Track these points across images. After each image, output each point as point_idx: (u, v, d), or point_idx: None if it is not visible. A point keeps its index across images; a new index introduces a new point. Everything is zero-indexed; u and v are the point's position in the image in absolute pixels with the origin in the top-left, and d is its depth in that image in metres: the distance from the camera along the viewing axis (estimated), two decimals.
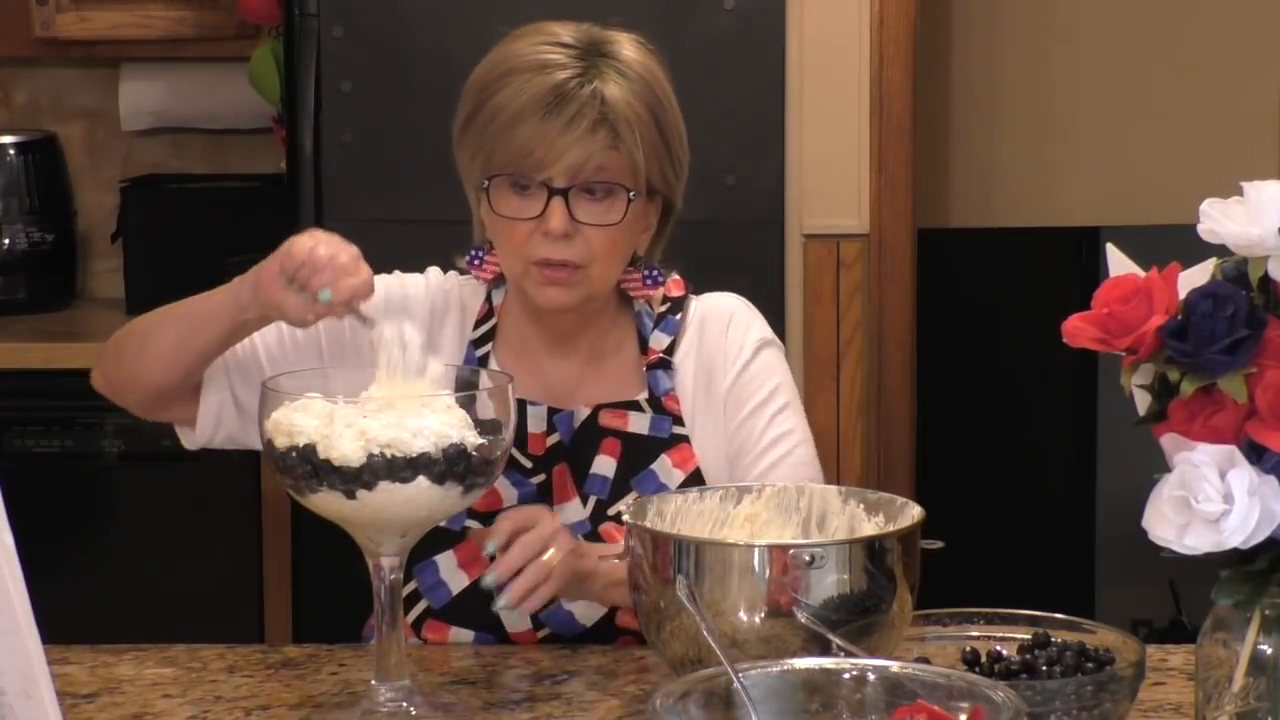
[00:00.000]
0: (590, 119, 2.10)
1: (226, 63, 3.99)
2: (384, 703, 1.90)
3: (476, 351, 2.24)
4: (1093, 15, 3.92)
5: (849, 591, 1.80)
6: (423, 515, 1.86)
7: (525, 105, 2.10)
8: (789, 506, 2.01)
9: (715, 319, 2.28)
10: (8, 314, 3.90)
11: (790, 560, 1.80)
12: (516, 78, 2.13)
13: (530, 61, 2.13)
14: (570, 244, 2.12)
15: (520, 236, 2.13)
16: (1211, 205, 1.56)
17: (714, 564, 1.81)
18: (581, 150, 2.10)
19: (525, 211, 2.12)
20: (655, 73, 2.18)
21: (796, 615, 1.79)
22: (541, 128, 2.10)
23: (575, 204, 2.12)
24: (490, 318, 2.26)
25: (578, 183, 2.11)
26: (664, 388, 2.23)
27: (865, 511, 1.98)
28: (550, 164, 2.10)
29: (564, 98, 2.10)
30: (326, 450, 1.80)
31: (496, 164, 2.13)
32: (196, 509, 3.60)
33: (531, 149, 2.10)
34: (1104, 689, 1.68)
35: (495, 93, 2.13)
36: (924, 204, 3.63)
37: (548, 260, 2.12)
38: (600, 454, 2.20)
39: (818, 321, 3.41)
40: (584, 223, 2.12)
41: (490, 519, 2.14)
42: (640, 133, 2.12)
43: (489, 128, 2.13)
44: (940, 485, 3.39)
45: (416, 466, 1.80)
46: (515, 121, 2.11)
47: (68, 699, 1.93)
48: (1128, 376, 1.59)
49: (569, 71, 2.12)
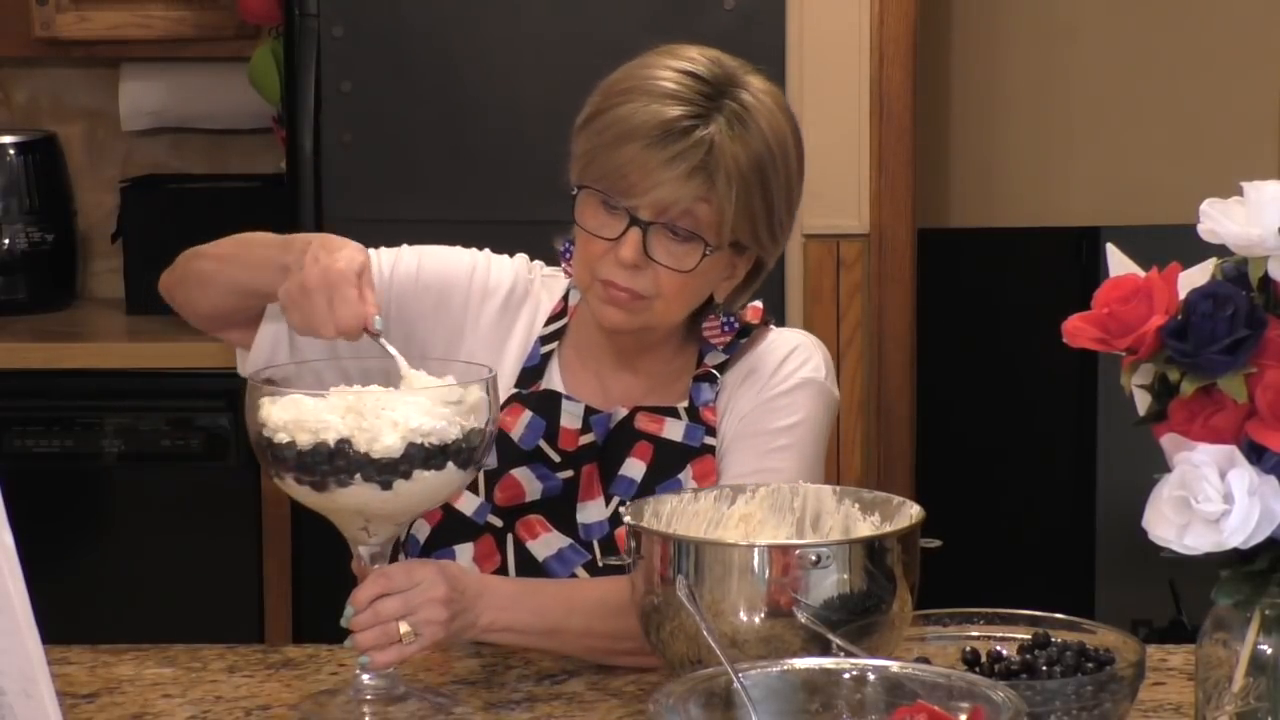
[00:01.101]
0: (691, 163, 2.07)
1: (226, 63, 3.99)
2: (368, 690, 1.91)
3: (542, 348, 2.24)
4: (1093, 15, 3.92)
5: (849, 591, 1.80)
6: (439, 501, 1.97)
7: (634, 129, 2.08)
8: (783, 506, 2.01)
9: (778, 348, 2.24)
10: (8, 314, 3.90)
11: (794, 560, 1.80)
12: (638, 98, 2.10)
13: (656, 86, 2.10)
14: (638, 275, 2.10)
15: (595, 251, 2.12)
16: (1211, 205, 1.56)
17: (714, 564, 1.81)
18: (673, 190, 2.08)
19: (605, 231, 2.11)
20: (779, 129, 2.13)
21: (796, 615, 1.79)
22: (642, 156, 2.07)
23: (653, 239, 2.09)
24: (563, 316, 2.26)
25: (661, 220, 2.09)
26: (704, 398, 2.22)
27: (861, 511, 1.98)
28: (639, 194, 2.08)
29: (672, 134, 2.07)
30: (367, 444, 1.83)
31: (592, 175, 2.12)
32: (196, 509, 3.60)
33: (626, 173, 2.08)
34: (1104, 689, 1.68)
35: (615, 106, 2.11)
36: (924, 204, 3.63)
37: (613, 282, 2.12)
38: (631, 456, 2.19)
39: (818, 321, 3.41)
40: (657, 261, 2.10)
41: (512, 514, 2.16)
42: (738, 189, 2.09)
43: (598, 137, 2.11)
44: (940, 485, 3.39)
45: (447, 453, 1.86)
46: (620, 141, 2.09)
47: (68, 699, 1.93)
48: (1128, 376, 1.59)
49: (688, 109, 2.08)
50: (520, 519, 2.16)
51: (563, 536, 2.16)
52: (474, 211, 3.36)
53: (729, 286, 2.19)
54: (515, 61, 3.36)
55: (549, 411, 2.19)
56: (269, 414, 1.86)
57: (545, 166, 3.35)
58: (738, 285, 2.20)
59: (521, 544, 2.16)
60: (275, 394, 1.88)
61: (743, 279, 2.19)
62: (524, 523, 2.16)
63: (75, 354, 3.68)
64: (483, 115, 3.35)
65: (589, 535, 2.16)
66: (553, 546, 2.16)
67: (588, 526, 2.16)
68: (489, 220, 3.33)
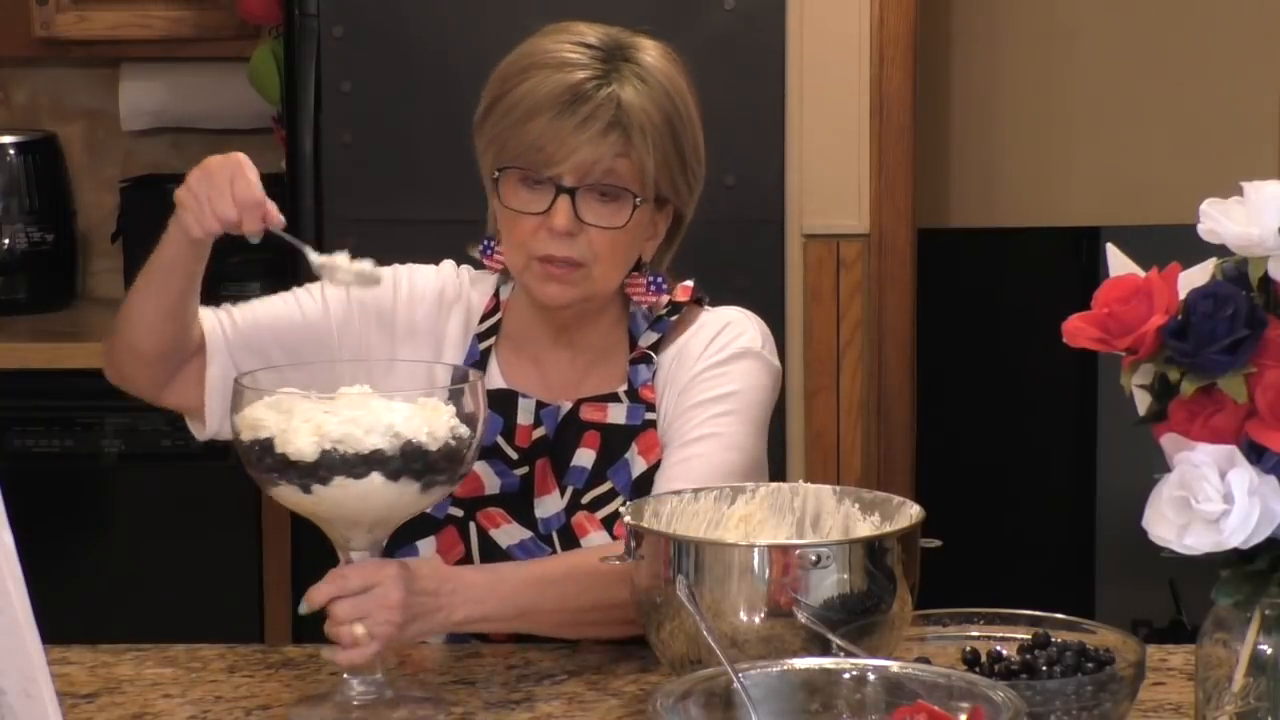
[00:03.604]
0: (604, 121, 2.12)
1: (226, 63, 3.99)
2: (356, 695, 1.91)
3: (480, 345, 2.26)
4: (1093, 15, 3.92)
5: (849, 591, 1.80)
6: (381, 511, 1.87)
7: (541, 101, 2.12)
8: (783, 506, 2.01)
9: (712, 324, 2.27)
10: (8, 314, 3.90)
11: (795, 560, 1.80)
12: (537, 73, 2.15)
13: (552, 58, 2.15)
14: (573, 242, 2.14)
15: (525, 231, 2.15)
16: (1211, 205, 1.56)
17: (714, 564, 1.81)
18: (592, 151, 2.12)
19: (532, 206, 2.14)
20: (676, 81, 2.19)
21: (796, 615, 1.79)
22: (554, 125, 2.11)
23: (582, 204, 2.13)
24: (496, 312, 2.28)
25: (586, 183, 2.13)
26: (642, 379, 2.24)
27: (861, 511, 1.98)
28: (559, 161, 2.12)
29: (580, 97, 2.12)
30: (283, 445, 1.82)
31: (508, 156, 2.16)
32: (196, 509, 3.60)
33: (542, 145, 2.12)
34: (1104, 689, 1.68)
35: (515, 86, 2.16)
36: (924, 204, 3.63)
37: (550, 256, 2.14)
38: (581, 446, 2.21)
39: (818, 321, 3.41)
40: (589, 223, 2.14)
41: (472, 505, 2.17)
42: (653, 140, 2.14)
43: (505, 119, 2.16)
44: (940, 485, 3.39)
45: (370, 463, 1.81)
46: (529, 116, 2.13)
47: (68, 699, 1.93)
48: (1128, 376, 1.59)
49: (588, 72, 2.14)
50: (480, 510, 2.19)
51: (523, 529, 2.19)
52: (474, 211, 3.34)
53: (654, 245, 2.24)
54: None
55: (505, 409, 2.20)
56: (242, 411, 1.88)
57: None
58: (661, 242, 2.25)
59: (485, 532, 2.18)
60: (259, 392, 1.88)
61: (665, 235, 2.24)
62: (484, 514, 2.19)
63: (75, 354, 3.68)
64: None
65: (548, 529, 2.19)
66: (515, 537, 2.18)
67: (545, 520, 2.18)
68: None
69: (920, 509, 1.92)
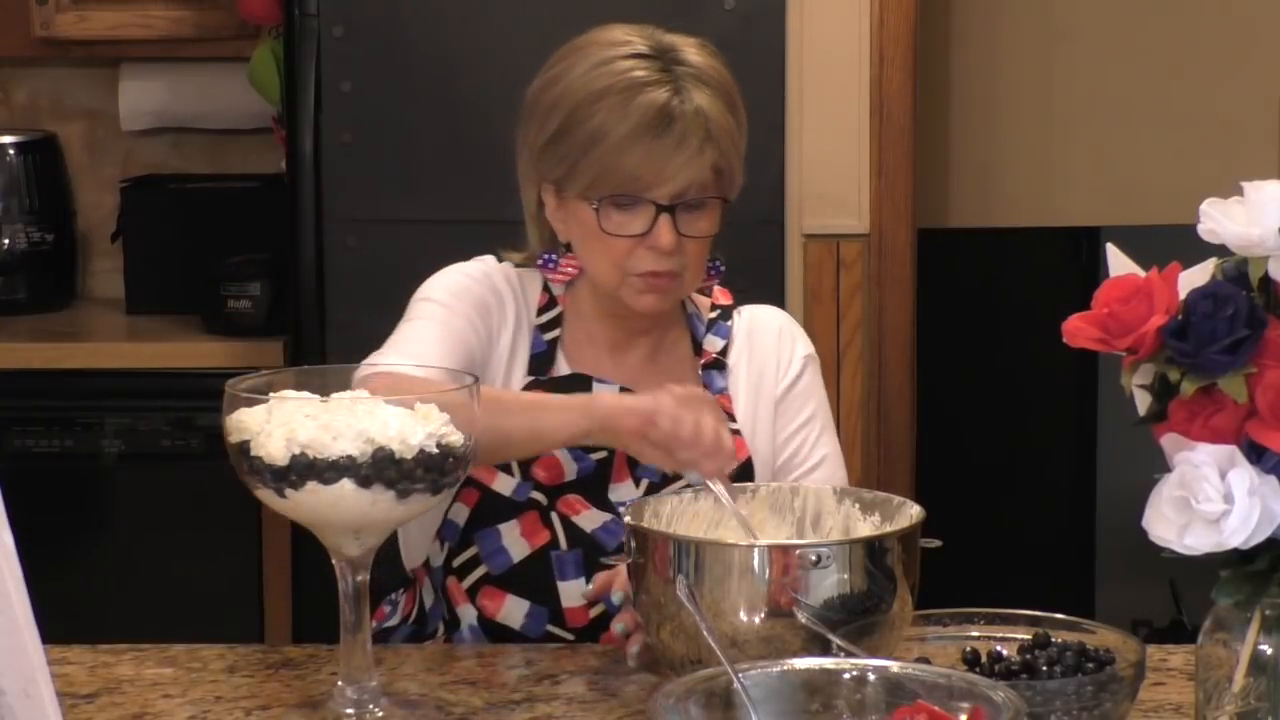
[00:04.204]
0: (698, 139, 2.15)
1: (226, 63, 3.99)
2: (349, 703, 1.89)
3: (545, 335, 2.28)
4: (1092, 15, 3.92)
5: (850, 591, 1.80)
6: (356, 518, 1.83)
7: (634, 129, 2.14)
8: (783, 506, 2.01)
9: (765, 329, 2.35)
10: (8, 314, 3.90)
11: (795, 560, 1.80)
12: (611, 98, 2.16)
13: (622, 80, 2.16)
14: (673, 256, 2.18)
15: (622, 250, 2.18)
16: (1211, 205, 1.56)
17: (714, 564, 1.81)
18: (692, 172, 2.16)
19: (631, 228, 2.17)
20: (726, 75, 2.23)
21: (797, 615, 1.79)
22: (652, 151, 2.14)
23: (681, 218, 2.17)
24: (552, 306, 2.30)
25: (683, 200, 2.17)
26: (718, 386, 2.30)
27: (861, 511, 1.99)
28: (661, 185, 2.16)
29: (668, 117, 2.14)
30: (257, 448, 1.81)
31: (605, 186, 2.17)
32: (196, 509, 3.60)
33: (641, 173, 2.15)
34: (1104, 689, 1.68)
35: (591, 114, 2.16)
36: (924, 204, 3.63)
37: (654, 272, 2.18)
38: None
39: (818, 321, 3.41)
40: (688, 236, 2.18)
41: (553, 492, 2.20)
42: (733, 143, 2.19)
43: (592, 149, 2.16)
44: (940, 485, 3.39)
45: (339, 469, 1.78)
46: (625, 146, 2.14)
47: (68, 699, 1.93)
48: (1128, 376, 1.59)
49: (663, 88, 2.16)
50: (560, 497, 2.21)
51: (602, 513, 2.21)
52: (474, 211, 3.36)
53: (717, 233, 2.28)
54: (515, 61, 3.35)
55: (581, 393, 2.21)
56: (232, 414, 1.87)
57: None
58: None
59: (567, 518, 2.20)
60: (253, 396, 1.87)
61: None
62: (564, 501, 2.21)
63: (75, 354, 3.68)
64: (483, 115, 3.35)
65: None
66: (597, 520, 2.21)
67: (623, 504, 2.19)
68: (489, 220, 3.31)
69: (920, 509, 1.92)
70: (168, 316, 3.87)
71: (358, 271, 3.38)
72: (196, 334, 3.74)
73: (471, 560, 2.22)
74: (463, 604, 2.22)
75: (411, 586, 2.32)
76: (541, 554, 2.20)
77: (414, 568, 2.30)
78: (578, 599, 2.19)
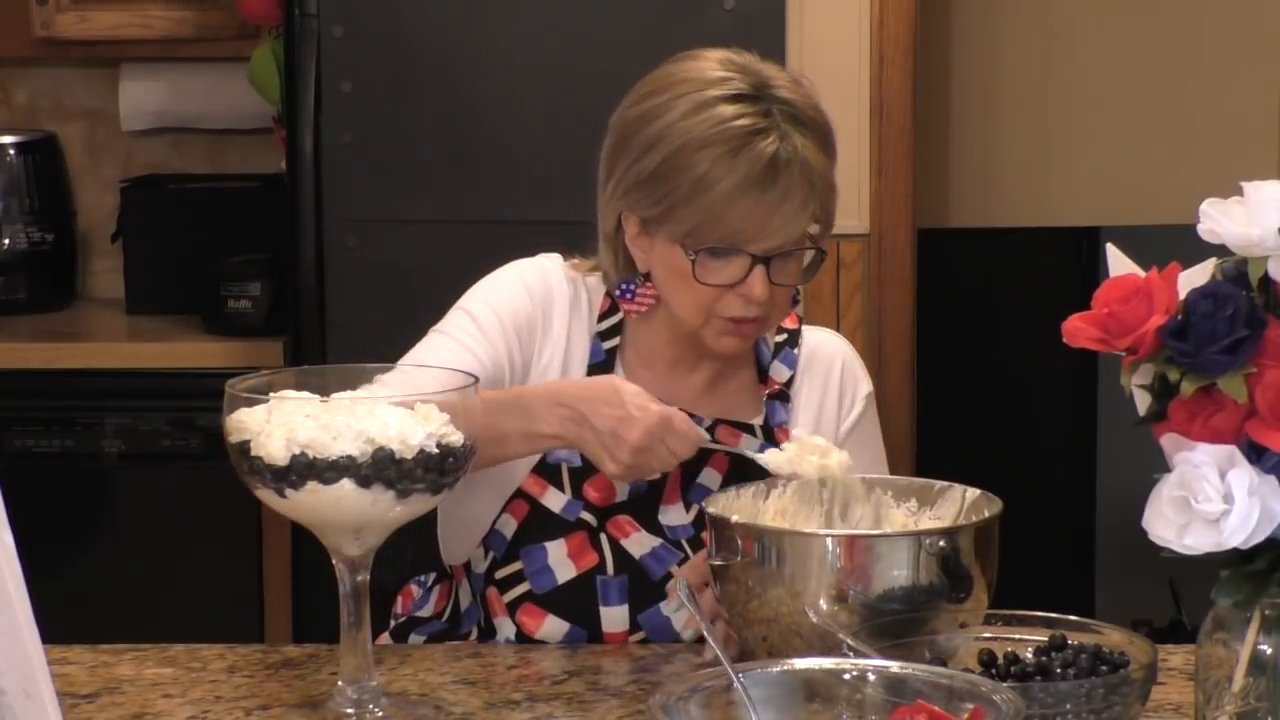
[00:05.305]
0: (802, 193, 2.12)
1: (226, 63, 3.99)
2: (349, 703, 1.89)
3: (604, 344, 2.26)
4: (1092, 15, 3.92)
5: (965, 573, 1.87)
6: (356, 518, 1.83)
7: (741, 183, 2.10)
8: (812, 498, 2.04)
9: (828, 358, 2.33)
10: (8, 314, 3.90)
11: (925, 548, 1.84)
12: (717, 148, 2.11)
13: (728, 130, 2.11)
14: (764, 304, 2.16)
15: (711, 297, 2.15)
16: (1211, 205, 1.56)
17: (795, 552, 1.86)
18: (795, 227, 2.13)
19: (725, 277, 2.14)
20: (823, 113, 2.21)
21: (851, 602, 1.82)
22: (757, 207, 2.11)
23: (774, 268, 2.15)
24: (613, 313, 2.27)
25: (781, 250, 2.14)
26: (779, 419, 2.27)
27: (894, 498, 2.04)
28: (764, 239, 2.13)
29: (775, 170, 2.11)
30: (258, 448, 1.81)
31: (708, 238, 2.13)
32: (196, 509, 3.60)
33: (744, 228, 2.12)
34: (1115, 691, 1.68)
35: (695, 163, 2.12)
36: (924, 204, 3.63)
37: (742, 319, 2.16)
38: (709, 466, 2.22)
39: (818, 322, 3.39)
40: (778, 284, 2.15)
41: (604, 513, 2.18)
42: (824, 189, 2.16)
43: (696, 200, 2.12)
44: None
45: (339, 469, 1.79)
46: (732, 200, 2.10)
47: (68, 699, 1.93)
48: (1128, 376, 1.59)
49: (768, 138, 2.11)
50: (610, 519, 2.19)
51: (652, 536, 2.19)
52: (474, 211, 3.36)
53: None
54: (515, 61, 3.36)
55: None
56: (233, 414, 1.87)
57: (545, 166, 3.36)
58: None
59: (616, 542, 2.18)
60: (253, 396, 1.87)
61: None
62: (614, 522, 2.19)
63: (75, 354, 3.68)
64: (483, 115, 3.35)
65: (676, 535, 2.19)
66: (645, 545, 2.18)
67: (673, 528, 2.19)
68: (489, 220, 3.33)
69: (978, 491, 2.03)
70: (168, 316, 3.87)
71: (358, 271, 3.38)
72: (196, 334, 3.74)
73: (515, 575, 2.19)
74: (501, 616, 2.19)
75: (446, 580, 2.31)
76: (587, 578, 2.17)
77: (452, 564, 2.29)
78: (618, 624, 2.17)
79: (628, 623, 2.17)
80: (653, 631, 2.17)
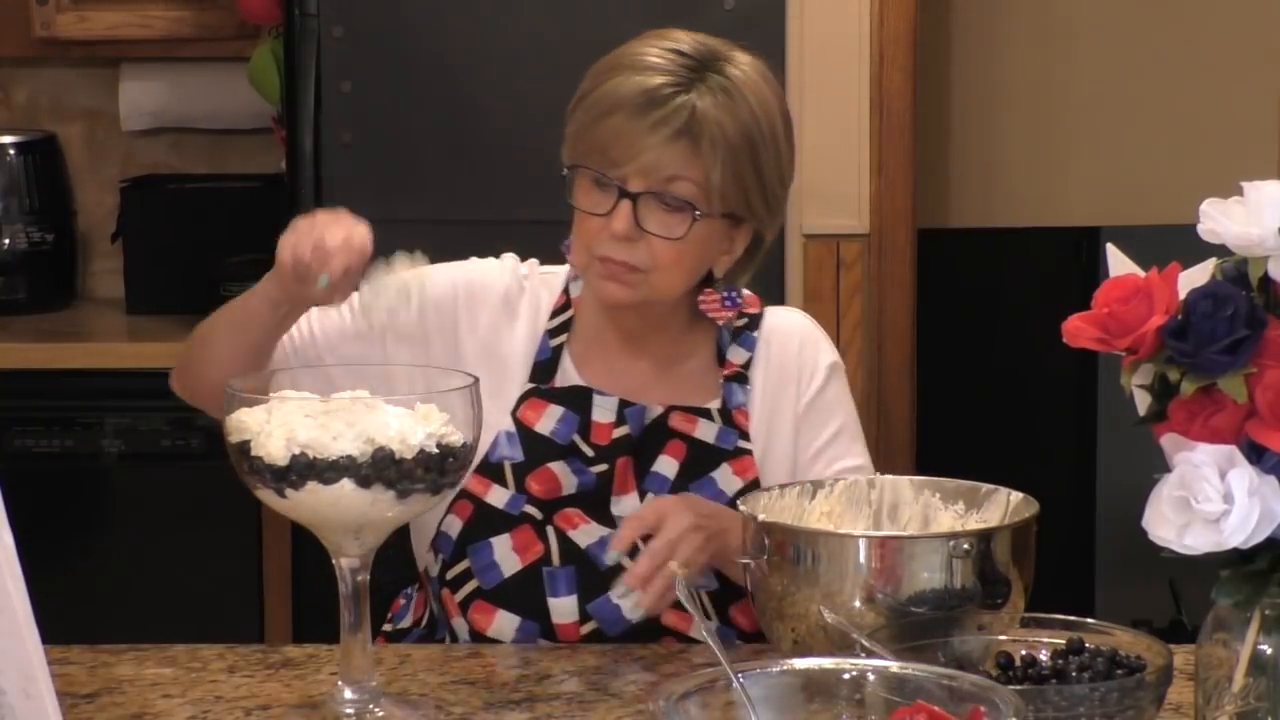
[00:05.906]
0: (674, 127, 2.10)
1: (226, 63, 3.99)
2: (348, 704, 1.89)
3: (551, 341, 2.25)
4: (1092, 15, 3.92)
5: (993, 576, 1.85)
6: (356, 518, 1.83)
7: (618, 101, 2.12)
8: (860, 499, 2.04)
9: (785, 338, 2.30)
10: (8, 314, 3.90)
11: (950, 550, 1.83)
12: (621, 73, 2.14)
13: (638, 61, 2.14)
14: (633, 247, 2.13)
15: (590, 230, 2.15)
16: (1211, 205, 1.56)
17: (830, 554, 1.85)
18: (656, 155, 2.10)
19: (597, 207, 2.14)
20: (765, 99, 2.16)
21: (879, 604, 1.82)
22: (624, 126, 2.11)
23: (644, 211, 2.12)
24: (567, 309, 2.27)
25: (650, 190, 2.11)
26: (737, 401, 2.25)
27: (942, 500, 2.03)
28: (624, 163, 2.11)
29: (653, 101, 2.10)
30: (258, 448, 1.81)
31: (579, 154, 2.16)
32: (196, 509, 3.60)
33: (610, 145, 2.11)
34: (1129, 695, 1.68)
35: (599, 85, 2.15)
36: (924, 204, 3.63)
37: (609, 258, 2.13)
38: (664, 454, 2.21)
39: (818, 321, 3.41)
40: (648, 231, 2.12)
41: (550, 506, 2.17)
42: (724, 154, 2.11)
43: (585, 115, 2.15)
44: None
45: (339, 469, 1.79)
46: (604, 115, 2.12)
47: (68, 699, 1.93)
48: (1128, 376, 1.59)
49: (669, 78, 2.12)
50: (558, 512, 2.18)
51: (601, 526, 2.18)
52: (474, 211, 3.36)
53: (728, 261, 2.22)
54: (515, 61, 3.36)
55: (580, 406, 2.21)
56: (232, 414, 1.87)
57: (545, 166, 3.35)
58: (738, 259, 2.23)
59: (563, 533, 2.18)
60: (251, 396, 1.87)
61: (742, 253, 2.23)
62: (562, 515, 2.18)
63: (75, 354, 3.68)
64: (483, 115, 3.35)
65: None
66: (593, 535, 2.18)
67: (623, 519, 2.17)
68: (489, 220, 3.33)
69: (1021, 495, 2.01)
70: (168, 316, 3.87)
71: None
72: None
73: (464, 574, 2.19)
74: (456, 617, 2.19)
75: (423, 589, 2.31)
76: (534, 570, 2.16)
77: (421, 572, 2.29)
78: (568, 615, 2.16)
79: (577, 613, 2.16)
80: (603, 621, 2.15)
